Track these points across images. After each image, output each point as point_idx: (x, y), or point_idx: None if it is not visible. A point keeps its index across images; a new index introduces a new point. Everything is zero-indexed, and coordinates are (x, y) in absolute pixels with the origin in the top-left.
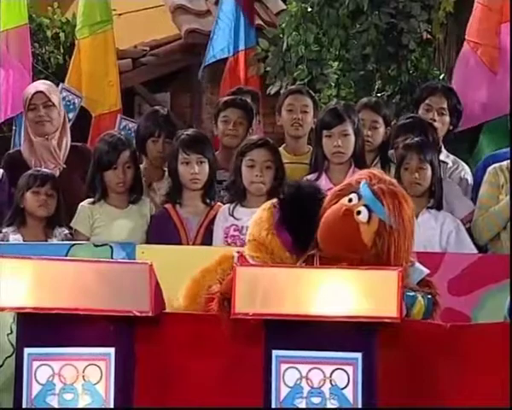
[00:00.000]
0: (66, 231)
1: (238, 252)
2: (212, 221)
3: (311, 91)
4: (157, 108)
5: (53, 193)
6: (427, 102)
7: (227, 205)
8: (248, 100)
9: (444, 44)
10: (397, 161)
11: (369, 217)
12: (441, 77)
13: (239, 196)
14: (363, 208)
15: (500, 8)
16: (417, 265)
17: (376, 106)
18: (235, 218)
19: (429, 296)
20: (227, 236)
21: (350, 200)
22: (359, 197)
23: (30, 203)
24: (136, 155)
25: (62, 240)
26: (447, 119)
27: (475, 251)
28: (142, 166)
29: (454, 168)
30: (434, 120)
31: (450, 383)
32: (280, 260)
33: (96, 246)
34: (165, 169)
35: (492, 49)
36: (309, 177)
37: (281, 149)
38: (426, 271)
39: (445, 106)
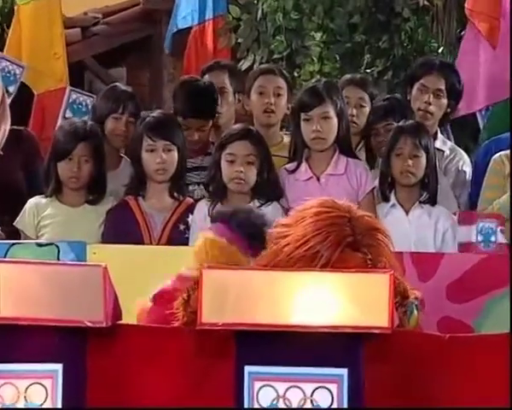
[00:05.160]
0: None
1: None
2: (180, 218)
3: (284, 72)
4: (117, 83)
5: None
6: (422, 81)
7: (204, 201)
8: (226, 76)
9: (443, 12)
10: (387, 144)
11: None
12: (440, 50)
13: (219, 194)
14: None
15: None
16: None
17: (362, 82)
18: None
19: (416, 302)
20: None
21: None
22: None
23: None
24: (101, 149)
25: None
26: (444, 101)
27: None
28: None
29: (451, 157)
30: (430, 103)
31: (448, 401)
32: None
33: (40, 246)
34: (123, 155)
35: (492, 19)
36: (288, 166)
37: None
38: None
39: (443, 87)
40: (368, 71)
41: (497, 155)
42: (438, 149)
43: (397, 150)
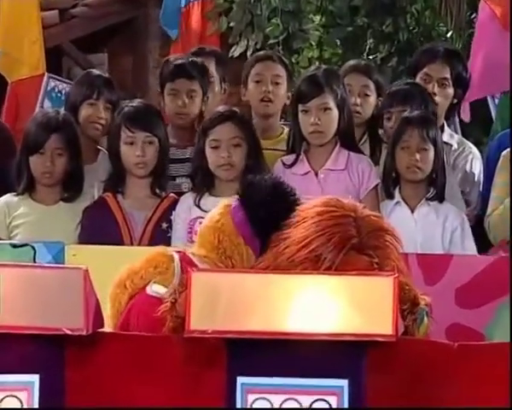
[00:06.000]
0: None
1: (179, 252)
2: (162, 216)
3: (284, 58)
4: (92, 70)
5: None
6: (425, 70)
7: (190, 193)
8: (212, 64)
9: None
10: (391, 136)
11: None
12: (449, 35)
13: (206, 183)
14: None
15: None
16: None
17: (367, 69)
18: (201, 209)
19: (427, 309)
20: (191, 231)
21: None
22: None
23: None
24: (76, 142)
25: None
26: (450, 91)
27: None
28: None
29: (459, 151)
30: (435, 94)
31: None
32: (230, 251)
33: (15, 247)
34: (100, 148)
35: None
36: (284, 159)
37: None
38: None
39: (448, 75)
40: (370, 57)
41: (507, 150)
42: (445, 143)
43: (403, 143)
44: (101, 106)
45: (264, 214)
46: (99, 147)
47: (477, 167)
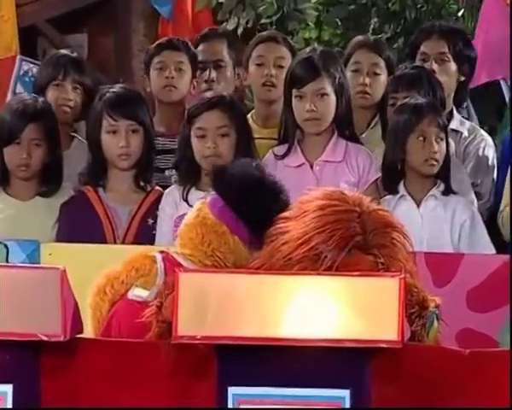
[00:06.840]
0: None
1: (162, 252)
2: (148, 211)
3: (289, 39)
4: (61, 51)
5: None
6: (421, 49)
7: (175, 186)
8: (224, 47)
9: None
10: (402, 125)
11: None
12: (460, 14)
13: (191, 175)
14: None
15: None
16: None
17: (377, 45)
18: (189, 204)
19: (437, 311)
20: (177, 230)
21: None
22: None
23: None
24: (55, 131)
25: None
26: (452, 66)
27: (492, 250)
28: None
29: (470, 139)
30: (434, 71)
31: None
32: (216, 243)
33: None
34: (75, 135)
35: None
36: (276, 149)
37: (248, 117)
38: None
39: (445, 50)
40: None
41: None
42: (455, 131)
43: (419, 132)
44: (69, 87)
45: (246, 208)
46: (74, 134)
47: (490, 155)
